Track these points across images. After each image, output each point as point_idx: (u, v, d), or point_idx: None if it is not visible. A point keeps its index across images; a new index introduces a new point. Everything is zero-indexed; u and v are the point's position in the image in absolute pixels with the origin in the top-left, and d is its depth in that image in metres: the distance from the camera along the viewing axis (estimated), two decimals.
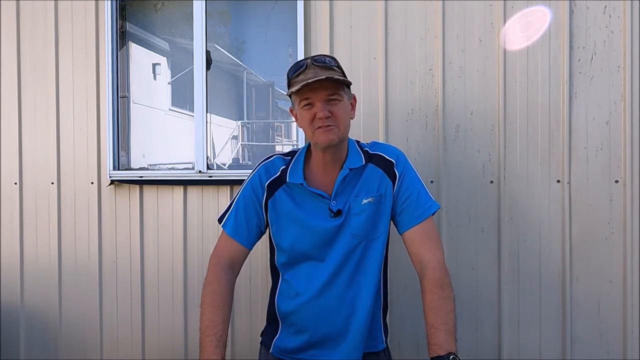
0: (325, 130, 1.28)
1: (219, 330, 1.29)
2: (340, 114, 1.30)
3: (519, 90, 1.91)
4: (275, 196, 1.39)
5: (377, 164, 1.39)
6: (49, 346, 2.33)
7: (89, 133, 2.29)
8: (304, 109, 1.31)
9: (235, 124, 3.14)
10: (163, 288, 2.22)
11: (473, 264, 1.94)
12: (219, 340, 1.28)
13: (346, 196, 1.36)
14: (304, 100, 1.30)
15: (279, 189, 1.39)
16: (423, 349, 1.98)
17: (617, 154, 1.84)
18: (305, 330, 1.37)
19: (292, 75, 1.32)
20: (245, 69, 2.88)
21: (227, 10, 2.52)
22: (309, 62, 1.30)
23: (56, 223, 2.32)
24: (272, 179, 1.40)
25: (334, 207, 1.34)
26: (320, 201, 1.35)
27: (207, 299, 1.33)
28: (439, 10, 1.95)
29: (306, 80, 1.24)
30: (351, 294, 1.35)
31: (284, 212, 1.38)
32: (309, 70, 1.29)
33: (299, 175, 1.36)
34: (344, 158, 1.38)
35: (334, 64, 1.33)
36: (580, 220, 1.87)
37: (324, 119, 1.27)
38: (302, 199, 1.36)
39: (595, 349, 1.87)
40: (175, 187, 2.21)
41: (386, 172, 1.38)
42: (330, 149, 1.32)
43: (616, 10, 1.84)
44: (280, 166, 1.41)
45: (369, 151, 1.41)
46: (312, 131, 1.30)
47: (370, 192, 1.36)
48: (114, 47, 2.26)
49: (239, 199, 1.42)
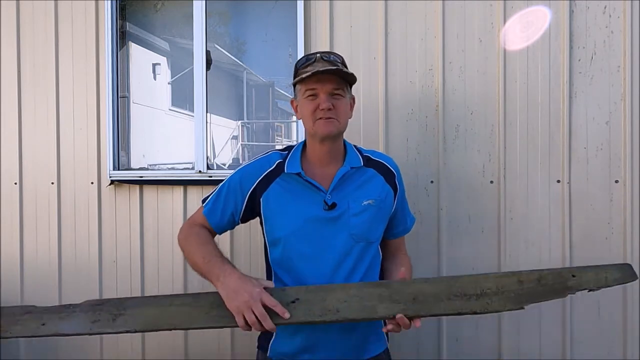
0: (326, 122, 1.32)
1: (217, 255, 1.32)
2: (342, 109, 1.35)
3: (519, 90, 1.91)
4: (269, 190, 1.39)
5: (380, 170, 1.42)
6: (49, 346, 2.33)
7: (89, 133, 2.29)
8: (307, 99, 1.34)
9: (235, 124, 3.14)
10: (163, 288, 2.22)
11: (473, 264, 1.94)
12: (223, 259, 1.31)
13: (344, 194, 1.36)
14: (309, 90, 1.33)
15: (273, 183, 1.39)
16: (423, 350, 1.98)
17: (617, 154, 1.84)
18: (300, 332, 1.35)
19: (301, 66, 1.37)
20: (245, 69, 2.88)
21: (227, 10, 2.52)
22: (319, 56, 1.35)
23: (56, 223, 2.32)
24: (267, 172, 1.40)
25: (329, 200, 1.35)
26: (315, 192, 1.36)
27: (193, 240, 1.38)
28: (439, 10, 1.95)
29: (317, 69, 1.29)
30: None
31: (278, 204, 1.38)
32: (317, 63, 1.34)
33: (297, 166, 1.38)
34: (341, 154, 1.41)
35: (342, 61, 1.38)
36: (580, 220, 1.87)
37: (326, 110, 1.31)
38: (298, 190, 1.37)
39: (595, 349, 1.87)
40: (175, 187, 2.21)
41: (388, 180, 1.42)
42: (327, 140, 1.36)
43: (616, 10, 1.84)
44: (276, 160, 1.42)
45: (371, 157, 1.45)
46: (312, 121, 1.34)
47: (371, 195, 1.38)
48: (114, 47, 2.26)
49: (223, 185, 1.45)
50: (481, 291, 1.24)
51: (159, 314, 1.30)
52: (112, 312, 1.31)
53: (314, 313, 1.24)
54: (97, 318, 1.31)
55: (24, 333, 1.33)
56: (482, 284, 1.25)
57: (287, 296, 1.26)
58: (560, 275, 1.25)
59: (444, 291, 1.24)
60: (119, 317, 1.30)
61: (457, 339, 1.96)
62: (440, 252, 1.96)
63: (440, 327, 1.96)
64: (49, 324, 1.32)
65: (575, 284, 1.24)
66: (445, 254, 1.96)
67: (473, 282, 1.25)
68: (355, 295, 1.25)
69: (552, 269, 1.28)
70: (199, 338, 2.19)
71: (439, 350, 1.97)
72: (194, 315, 1.29)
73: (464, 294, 1.24)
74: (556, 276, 1.25)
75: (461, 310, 1.23)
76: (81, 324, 1.31)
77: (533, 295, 1.24)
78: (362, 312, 1.24)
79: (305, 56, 1.39)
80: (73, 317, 1.32)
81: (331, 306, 1.24)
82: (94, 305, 1.33)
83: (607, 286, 1.25)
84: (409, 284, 1.27)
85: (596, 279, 1.24)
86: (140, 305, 1.32)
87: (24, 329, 1.33)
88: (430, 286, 1.25)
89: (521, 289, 1.24)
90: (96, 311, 1.32)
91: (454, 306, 1.23)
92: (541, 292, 1.24)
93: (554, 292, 1.24)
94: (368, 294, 1.25)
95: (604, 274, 1.25)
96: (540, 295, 1.24)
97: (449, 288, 1.24)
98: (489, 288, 1.24)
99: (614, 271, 1.26)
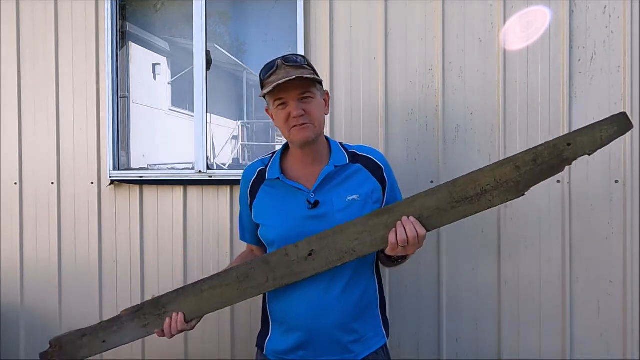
0: (301, 129, 1.32)
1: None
2: (314, 112, 1.34)
3: (519, 90, 1.91)
4: (257, 198, 1.44)
5: (365, 165, 1.42)
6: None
7: (89, 133, 2.29)
8: (278, 109, 1.34)
9: (235, 124, 3.13)
10: (163, 288, 2.22)
11: (473, 264, 1.94)
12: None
13: (329, 192, 1.36)
14: (278, 100, 1.33)
15: (259, 191, 1.44)
16: (423, 348, 1.98)
17: (617, 154, 1.84)
18: (295, 329, 1.36)
19: (264, 76, 1.35)
20: (245, 69, 2.88)
21: (227, 10, 2.52)
22: (280, 62, 1.32)
23: (56, 223, 2.33)
24: (252, 182, 1.46)
25: (312, 198, 1.35)
26: (298, 194, 1.37)
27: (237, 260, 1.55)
28: (439, 10, 1.95)
29: (277, 82, 1.27)
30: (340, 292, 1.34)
31: (265, 209, 1.42)
32: (280, 70, 1.31)
33: (276, 171, 1.40)
34: (324, 154, 1.41)
35: (305, 62, 1.35)
36: (580, 220, 1.87)
37: (299, 117, 1.30)
38: (282, 193, 1.39)
39: (595, 349, 1.87)
40: (175, 187, 2.21)
41: (375, 175, 1.42)
42: (307, 145, 1.36)
43: (616, 10, 1.83)
44: (258, 167, 1.46)
45: (357, 152, 1.45)
46: (287, 130, 1.34)
47: (356, 190, 1.38)
48: (114, 47, 2.26)
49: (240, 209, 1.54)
50: (481, 189, 1.25)
51: (197, 302, 1.37)
52: (155, 313, 1.39)
53: (332, 259, 1.29)
54: (146, 322, 1.40)
55: (92, 354, 1.45)
56: (480, 180, 1.25)
57: (301, 251, 1.29)
58: (556, 148, 1.21)
59: (445, 199, 1.26)
60: (165, 315, 1.38)
61: (457, 339, 1.96)
62: (440, 252, 1.96)
63: (440, 327, 1.96)
64: (109, 339, 1.43)
65: (571, 154, 1.20)
66: (445, 254, 1.96)
67: (471, 182, 1.25)
68: (363, 231, 1.28)
69: (547, 142, 1.23)
70: (199, 338, 2.19)
71: (439, 350, 1.97)
72: (227, 294, 1.36)
73: (465, 198, 1.25)
74: (552, 149, 1.21)
75: (466, 214, 1.26)
76: (135, 330, 1.41)
77: (532, 178, 1.22)
78: (377, 245, 1.28)
79: (266, 65, 1.35)
80: (125, 327, 1.42)
81: (346, 248, 1.28)
82: (134, 312, 1.41)
83: (603, 145, 1.19)
84: (410, 202, 1.28)
85: (592, 141, 1.20)
86: (177, 299, 1.39)
87: (90, 350, 1.45)
88: (431, 199, 1.26)
89: (519, 175, 1.23)
90: (140, 316, 1.40)
91: (459, 213, 1.26)
92: (538, 172, 1.22)
93: (551, 168, 1.22)
94: (375, 225, 1.27)
95: (599, 132, 1.19)
96: (538, 176, 1.22)
97: (450, 195, 1.25)
98: (488, 184, 1.24)
99: (608, 126, 1.19)
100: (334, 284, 1.34)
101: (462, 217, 1.26)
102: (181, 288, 1.41)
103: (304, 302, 1.34)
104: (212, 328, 2.18)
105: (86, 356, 1.44)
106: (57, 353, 1.45)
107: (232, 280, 1.36)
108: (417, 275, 1.97)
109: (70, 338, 1.45)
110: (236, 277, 1.35)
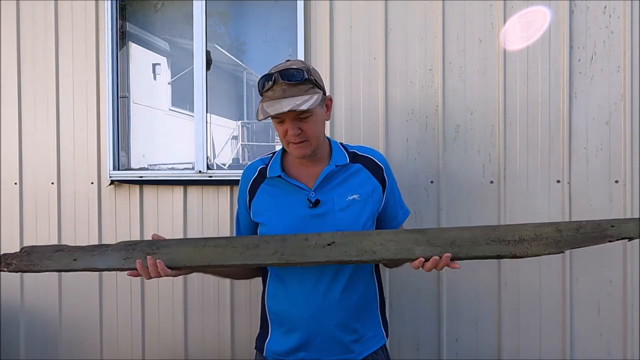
0: (298, 147, 1.32)
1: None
2: (311, 130, 1.31)
3: (519, 90, 1.91)
4: (256, 196, 1.43)
5: (366, 165, 1.42)
6: (49, 346, 2.33)
7: (89, 133, 2.29)
8: (275, 122, 1.33)
9: (235, 124, 3.14)
10: (163, 288, 2.22)
11: (473, 264, 1.94)
12: None
13: (330, 191, 1.37)
14: (274, 118, 1.31)
15: (259, 189, 1.43)
16: (423, 348, 1.98)
17: (617, 154, 1.84)
18: (295, 330, 1.35)
19: (262, 89, 1.31)
20: (245, 69, 2.88)
21: (227, 10, 2.52)
22: (276, 77, 1.27)
23: (56, 223, 2.33)
24: (252, 181, 1.45)
25: (313, 197, 1.35)
26: (299, 192, 1.37)
27: None
28: (439, 10, 1.95)
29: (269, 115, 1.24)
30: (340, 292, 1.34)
31: (265, 208, 1.41)
32: (276, 87, 1.27)
33: (277, 169, 1.40)
34: (325, 154, 1.41)
35: (304, 77, 1.28)
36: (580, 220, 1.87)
37: (295, 136, 1.30)
38: (282, 192, 1.39)
39: (595, 349, 1.87)
40: (175, 187, 2.21)
41: (375, 175, 1.42)
42: (304, 158, 1.37)
43: (616, 11, 1.83)
44: (258, 166, 1.46)
45: (357, 152, 1.45)
46: (285, 144, 1.36)
47: (356, 190, 1.38)
48: (114, 47, 2.26)
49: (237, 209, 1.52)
50: (520, 237, 1.24)
51: (193, 252, 1.32)
52: (145, 251, 1.33)
53: (350, 253, 1.26)
54: (129, 255, 1.33)
55: (56, 267, 1.36)
56: (520, 231, 1.25)
57: (323, 239, 1.28)
58: (599, 225, 1.24)
59: (482, 236, 1.25)
60: (152, 255, 1.30)
61: (457, 339, 1.96)
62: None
63: (440, 327, 1.96)
64: (81, 259, 1.35)
65: (615, 233, 1.23)
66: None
67: (511, 230, 1.25)
68: (391, 240, 1.27)
69: (590, 220, 1.26)
70: (199, 338, 2.20)
71: (439, 350, 1.97)
72: (227, 254, 1.32)
73: (502, 240, 1.24)
74: (595, 226, 1.24)
75: (500, 253, 1.23)
76: (114, 260, 1.33)
77: (572, 241, 1.23)
78: (400, 253, 1.26)
79: (263, 77, 1.30)
80: (106, 254, 1.35)
81: (367, 248, 1.27)
82: (127, 244, 1.36)
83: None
84: (445, 230, 1.27)
85: (635, 229, 1.23)
86: (174, 245, 1.35)
87: (55, 263, 1.36)
88: (467, 232, 1.26)
89: (560, 236, 1.23)
90: (129, 250, 1.34)
91: (493, 249, 1.23)
92: (581, 239, 1.23)
93: (593, 239, 1.23)
94: (404, 238, 1.27)
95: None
96: (579, 242, 1.23)
97: (487, 234, 1.25)
98: (528, 235, 1.24)
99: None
100: (334, 284, 1.34)
101: (495, 254, 1.23)
102: (187, 238, 1.38)
103: (304, 302, 1.34)
104: (212, 328, 2.18)
105: (49, 269, 1.36)
106: (18, 257, 1.37)
107: (239, 245, 1.33)
108: (417, 276, 1.97)
109: (43, 249, 1.39)
110: (246, 244, 1.32)
